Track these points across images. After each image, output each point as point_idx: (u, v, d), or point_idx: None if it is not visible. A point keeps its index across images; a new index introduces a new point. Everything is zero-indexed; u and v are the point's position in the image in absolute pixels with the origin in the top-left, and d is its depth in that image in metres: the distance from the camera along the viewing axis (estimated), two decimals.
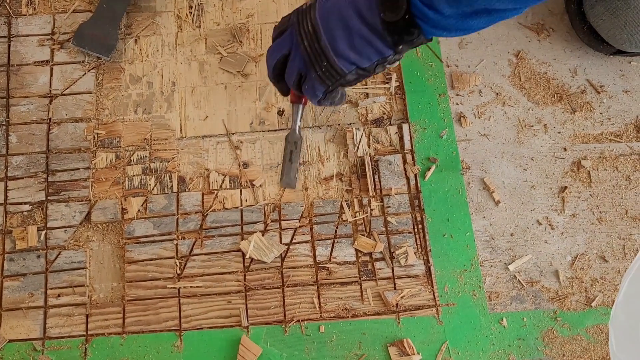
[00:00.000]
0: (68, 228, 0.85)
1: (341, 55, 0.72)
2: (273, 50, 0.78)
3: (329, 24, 0.72)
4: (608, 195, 0.89)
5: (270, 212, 0.86)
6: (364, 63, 0.73)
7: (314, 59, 0.73)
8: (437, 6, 0.64)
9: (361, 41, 0.71)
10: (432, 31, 0.68)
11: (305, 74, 0.76)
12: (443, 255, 0.85)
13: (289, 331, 0.82)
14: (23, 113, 0.90)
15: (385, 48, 0.71)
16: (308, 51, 0.73)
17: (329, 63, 0.73)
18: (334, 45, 0.72)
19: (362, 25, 0.70)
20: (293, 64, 0.76)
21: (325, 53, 0.72)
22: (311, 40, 0.73)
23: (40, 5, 0.96)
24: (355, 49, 0.72)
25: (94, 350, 0.80)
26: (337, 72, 0.74)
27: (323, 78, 0.75)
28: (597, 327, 0.83)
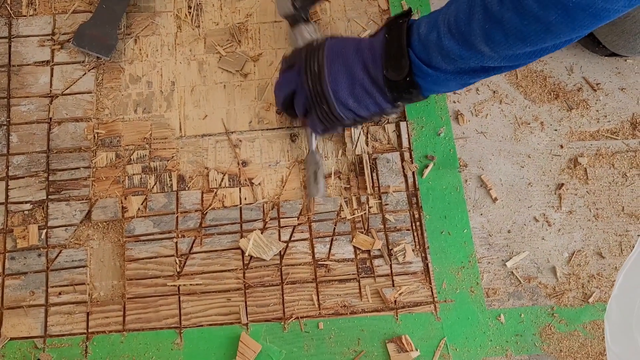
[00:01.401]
0: (69, 227, 0.86)
1: (341, 101, 0.75)
2: (281, 85, 0.81)
3: (334, 67, 0.74)
4: (604, 192, 0.90)
5: (269, 210, 0.87)
6: (362, 112, 0.76)
7: (315, 100, 0.76)
8: (436, 64, 0.68)
9: (362, 91, 0.74)
10: (431, 88, 0.72)
11: (308, 108, 0.79)
12: (441, 252, 0.86)
13: (288, 328, 0.82)
14: (24, 113, 0.91)
15: (385, 102, 0.74)
16: (311, 92, 0.76)
17: (328, 107, 0.76)
18: (335, 89, 0.74)
19: (366, 76, 0.73)
20: (299, 99, 0.79)
21: (326, 97, 0.75)
22: (314, 82, 0.75)
23: (41, 6, 0.97)
24: (355, 97, 0.74)
25: (95, 348, 0.81)
26: (335, 117, 0.77)
27: (322, 119, 0.78)
28: (594, 323, 0.84)
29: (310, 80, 0.76)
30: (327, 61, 0.75)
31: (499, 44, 0.60)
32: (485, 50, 0.62)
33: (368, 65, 0.72)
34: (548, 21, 0.55)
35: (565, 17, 0.54)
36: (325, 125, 0.80)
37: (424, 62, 0.69)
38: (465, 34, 0.62)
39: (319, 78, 0.75)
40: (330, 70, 0.74)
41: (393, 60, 0.70)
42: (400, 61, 0.70)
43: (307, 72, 0.76)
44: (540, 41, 0.59)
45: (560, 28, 0.55)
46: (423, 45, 0.68)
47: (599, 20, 0.54)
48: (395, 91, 0.72)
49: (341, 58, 0.74)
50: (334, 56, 0.75)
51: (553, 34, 0.57)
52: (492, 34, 0.60)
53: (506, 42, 0.60)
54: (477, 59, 0.64)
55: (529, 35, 0.58)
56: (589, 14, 0.53)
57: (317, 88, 0.75)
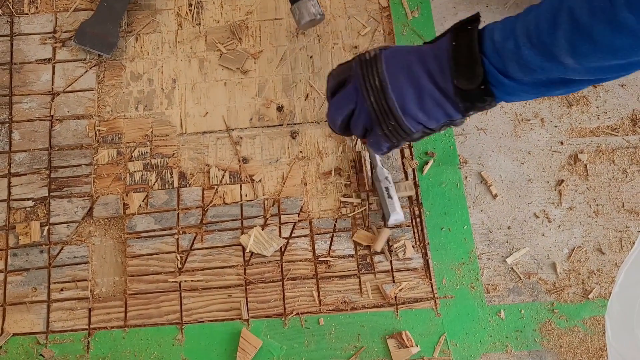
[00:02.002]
0: (70, 223, 0.86)
1: (409, 114, 0.70)
2: (338, 105, 0.75)
3: (398, 81, 0.69)
4: (605, 188, 0.90)
5: (270, 207, 0.87)
6: (432, 124, 0.71)
7: (381, 117, 0.71)
8: (512, 74, 0.64)
9: (432, 103, 0.69)
10: (506, 98, 0.68)
11: (370, 128, 0.74)
12: (441, 248, 0.86)
13: (289, 324, 0.83)
14: (26, 110, 0.92)
15: (455, 112, 0.69)
16: (375, 108, 0.71)
17: (396, 122, 0.70)
18: (402, 104, 0.69)
19: (434, 87, 0.68)
20: (359, 119, 0.74)
21: (393, 112, 0.70)
22: (378, 98, 0.70)
23: (42, 4, 0.97)
24: (424, 110, 0.69)
25: (97, 344, 0.82)
26: (404, 131, 0.71)
27: (389, 136, 0.72)
28: (594, 318, 0.84)
29: (373, 96, 0.70)
30: (388, 74, 0.70)
31: (585, 56, 0.57)
32: (569, 63, 0.58)
33: (435, 75, 0.68)
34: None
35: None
36: (391, 142, 0.74)
37: (499, 71, 0.64)
38: (548, 44, 0.58)
39: (383, 93, 0.69)
40: (394, 83, 0.69)
41: (464, 69, 0.65)
42: (473, 69, 0.65)
43: (367, 88, 0.70)
44: (630, 54, 0.55)
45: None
46: (498, 53, 0.64)
47: None
48: (467, 101, 0.67)
49: (404, 69, 0.69)
50: (395, 68, 0.70)
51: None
52: (579, 45, 0.56)
53: (594, 54, 0.56)
54: (559, 70, 0.61)
55: (620, 48, 0.54)
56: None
57: (381, 104, 0.70)
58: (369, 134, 0.75)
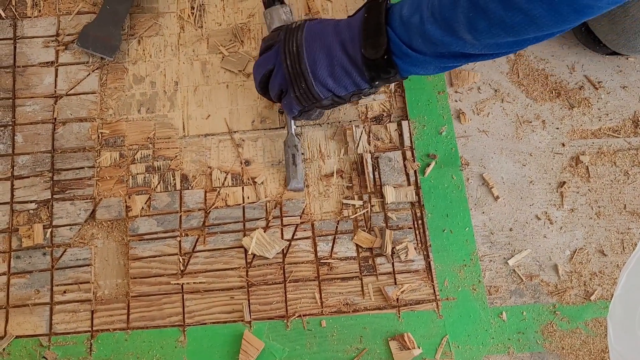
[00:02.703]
0: (73, 226, 0.87)
1: (319, 80, 0.75)
2: (259, 64, 0.81)
3: (312, 47, 0.75)
4: (606, 190, 0.90)
5: (272, 209, 0.88)
6: (340, 92, 0.76)
7: (294, 80, 0.77)
8: (416, 46, 0.68)
9: (341, 71, 0.74)
10: (410, 69, 0.72)
11: (285, 89, 0.80)
12: (443, 250, 0.86)
13: (291, 326, 0.83)
14: (29, 113, 0.92)
15: (362, 82, 0.74)
16: (289, 70, 0.76)
17: (306, 86, 0.76)
18: (314, 69, 0.75)
19: (344, 56, 0.73)
20: (275, 79, 0.80)
21: (305, 76, 0.76)
22: (293, 61, 0.76)
23: (45, 8, 0.98)
24: (334, 77, 0.75)
25: (99, 346, 0.82)
26: (313, 96, 0.77)
27: (300, 99, 0.78)
28: (596, 320, 0.84)
29: (289, 59, 0.76)
30: (305, 41, 0.76)
31: (482, 32, 0.61)
32: (468, 38, 0.63)
33: (346, 44, 0.73)
34: (533, 14, 0.56)
35: (550, 11, 0.55)
36: (302, 106, 0.80)
37: (404, 43, 0.69)
38: (449, 20, 0.63)
39: (298, 58, 0.75)
40: (309, 50, 0.75)
41: (371, 39, 0.70)
42: (378, 39, 0.70)
43: (285, 51, 0.76)
44: (523, 32, 0.59)
45: (545, 21, 0.57)
46: (404, 26, 0.68)
47: (582, 15, 0.55)
48: (373, 70, 0.72)
49: (320, 38, 0.75)
50: (313, 36, 0.76)
51: (537, 26, 0.58)
52: (476, 22, 0.60)
53: (489, 31, 0.61)
54: (459, 45, 0.65)
55: (513, 26, 0.59)
56: (573, 9, 0.54)
57: (295, 67, 0.76)
58: (283, 96, 0.81)
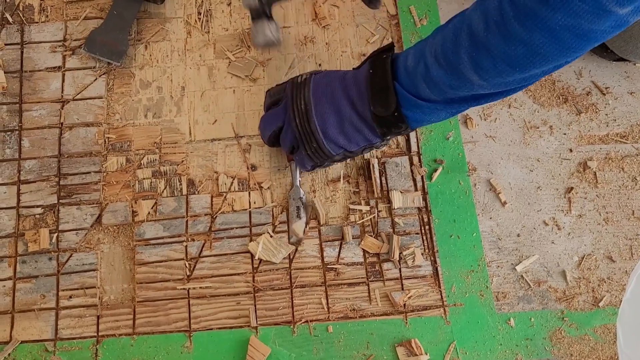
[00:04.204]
0: (79, 231, 0.87)
1: (330, 138, 0.75)
2: (268, 122, 0.81)
3: (321, 106, 0.74)
4: (614, 196, 0.89)
5: (279, 214, 0.87)
6: (352, 147, 0.76)
7: (304, 139, 0.76)
8: (425, 95, 0.67)
9: (351, 128, 0.74)
10: (421, 119, 0.71)
11: (296, 146, 0.79)
12: (450, 255, 0.86)
13: (298, 331, 0.82)
14: (35, 118, 0.92)
15: (374, 137, 0.74)
16: (299, 130, 0.76)
17: (317, 144, 0.76)
18: (324, 128, 0.74)
19: (353, 113, 0.73)
20: (286, 136, 0.79)
21: (315, 135, 0.75)
22: (302, 120, 0.75)
23: (53, 13, 0.98)
24: (345, 134, 0.75)
25: (105, 351, 0.81)
26: (324, 153, 0.77)
27: (312, 156, 0.78)
28: (605, 327, 0.83)
29: (298, 118, 0.76)
30: (313, 99, 0.75)
31: (488, 71, 0.59)
32: (475, 79, 0.61)
33: (355, 101, 0.72)
34: (534, 44, 0.54)
35: (552, 39, 0.53)
36: (314, 162, 0.80)
37: (412, 94, 0.68)
38: (453, 63, 0.61)
39: (307, 117, 0.75)
40: (318, 108, 0.75)
41: (379, 96, 0.70)
42: (387, 97, 0.69)
43: (294, 110, 0.76)
44: (529, 65, 0.57)
45: (548, 51, 0.55)
46: (410, 77, 0.68)
47: (586, 41, 0.53)
48: (384, 126, 0.72)
49: (328, 95, 0.74)
50: (320, 93, 0.75)
51: (541, 57, 0.56)
52: (480, 61, 0.59)
53: (495, 68, 0.59)
54: (467, 87, 0.63)
55: (517, 60, 0.57)
56: (576, 35, 0.52)
57: (305, 127, 0.75)
58: (295, 151, 0.80)
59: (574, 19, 0.50)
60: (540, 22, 0.52)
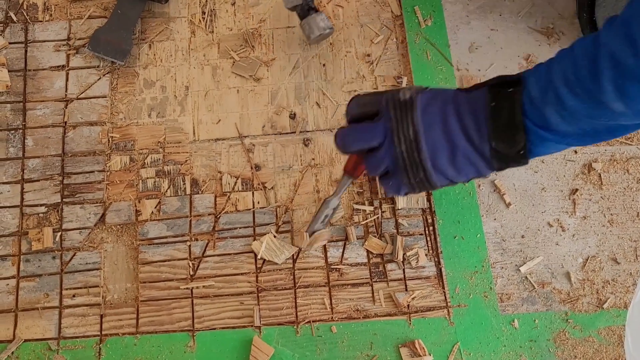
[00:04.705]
0: (83, 230, 0.86)
1: (439, 170, 0.67)
2: (359, 137, 0.70)
3: (432, 134, 0.66)
4: (619, 198, 0.89)
5: (282, 214, 0.87)
6: (460, 179, 0.69)
7: (409, 168, 0.68)
8: (555, 127, 0.61)
9: (464, 161, 0.66)
10: (544, 153, 0.65)
11: (392, 171, 0.70)
12: (454, 256, 0.86)
13: (301, 332, 0.82)
14: (39, 117, 0.92)
15: (487, 170, 0.67)
16: (404, 157, 0.67)
17: (425, 175, 0.67)
18: (434, 159, 0.66)
19: (469, 145, 0.65)
20: (382, 160, 0.69)
21: (424, 165, 0.67)
22: (410, 149, 0.66)
23: (57, 12, 0.98)
24: (455, 167, 0.67)
25: (108, 350, 0.81)
26: (430, 184, 0.69)
27: (414, 185, 0.69)
28: (609, 329, 0.83)
29: (405, 145, 0.66)
30: (423, 126, 0.66)
31: (635, 98, 0.54)
32: (618, 107, 0.55)
33: (470, 132, 0.64)
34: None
35: None
36: (414, 190, 0.71)
37: (541, 127, 0.62)
38: (593, 91, 0.55)
39: (417, 145, 0.66)
40: (429, 136, 0.66)
41: (504, 133, 0.63)
42: (514, 135, 0.62)
43: (399, 135, 0.66)
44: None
45: None
46: (537, 108, 0.61)
47: None
48: (503, 162, 0.65)
49: (439, 122, 0.66)
50: (431, 118, 0.66)
51: None
52: (627, 89, 0.53)
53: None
54: (607, 116, 0.57)
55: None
56: None
57: (413, 156, 0.66)
58: (387, 177, 0.71)
59: None
60: None
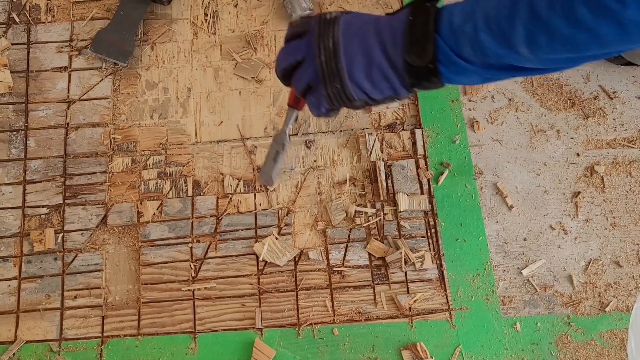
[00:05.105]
0: (85, 231, 0.86)
1: (356, 82, 0.71)
2: (288, 53, 0.76)
3: (351, 46, 0.70)
4: (621, 201, 0.89)
5: (284, 216, 0.87)
6: (376, 95, 0.72)
7: (327, 78, 0.72)
8: (465, 55, 0.64)
9: (379, 74, 0.70)
10: (453, 78, 0.68)
11: (314, 85, 0.74)
12: (456, 259, 0.85)
13: (302, 334, 0.82)
14: (41, 118, 0.92)
15: (401, 87, 0.70)
16: (323, 67, 0.71)
17: (341, 86, 0.72)
18: (351, 70, 0.70)
19: (384, 59, 0.69)
20: (305, 73, 0.74)
21: (341, 75, 0.71)
22: (329, 58, 0.71)
23: (59, 13, 0.98)
24: (371, 80, 0.71)
25: (110, 352, 0.81)
26: (346, 96, 0.72)
27: (331, 97, 0.73)
28: (611, 332, 0.83)
29: (324, 55, 0.71)
30: (343, 39, 0.71)
31: (541, 47, 0.58)
32: (524, 52, 0.60)
33: (387, 46, 0.69)
34: (599, 33, 0.53)
35: (618, 31, 0.52)
36: (332, 105, 0.74)
37: (453, 51, 0.65)
38: (506, 31, 0.60)
39: (335, 55, 0.70)
40: (347, 48, 0.70)
41: (416, 45, 0.66)
42: (425, 46, 0.66)
43: (320, 46, 0.71)
44: (584, 49, 0.57)
45: (610, 40, 0.54)
46: (454, 34, 0.65)
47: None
48: (414, 77, 0.69)
49: (359, 37, 0.71)
50: (351, 34, 0.71)
51: (601, 45, 0.55)
52: (536, 36, 0.58)
53: (549, 46, 0.58)
54: (513, 58, 0.62)
55: (576, 43, 0.56)
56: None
57: (331, 66, 0.71)
58: (310, 92, 0.75)
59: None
60: (610, 13, 0.51)
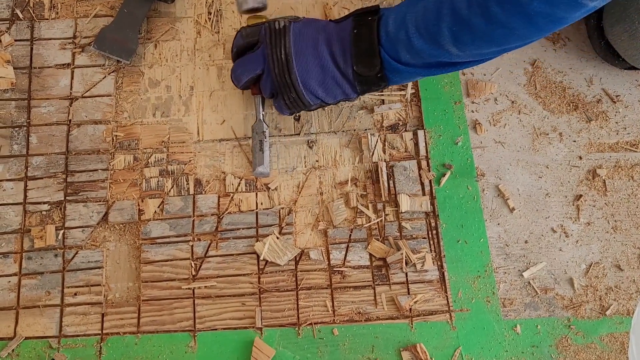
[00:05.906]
0: (85, 228, 0.86)
1: (310, 90, 0.77)
2: (246, 67, 0.80)
3: (303, 57, 0.76)
4: (623, 204, 0.89)
5: (286, 215, 0.87)
6: (329, 100, 0.78)
7: (283, 89, 0.77)
8: (405, 60, 0.71)
9: (332, 83, 0.76)
10: (398, 80, 0.75)
11: (275, 93, 0.80)
12: (457, 261, 0.85)
13: (302, 334, 0.82)
14: (44, 114, 0.92)
15: (352, 93, 0.77)
16: (278, 80, 0.77)
17: (297, 95, 0.77)
18: (305, 80, 0.76)
19: (335, 69, 0.75)
20: (266, 84, 0.80)
21: (295, 86, 0.76)
22: (282, 71, 0.76)
23: (63, 10, 0.98)
24: (325, 88, 0.77)
25: (109, 349, 0.81)
26: (302, 103, 0.79)
27: (289, 105, 0.79)
28: (612, 335, 0.83)
29: (277, 69, 0.76)
30: (294, 50, 0.75)
31: (466, 44, 0.64)
32: (453, 50, 0.66)
33: (337, 57, 0.74)
34: (512, 27, 0.60)
35: (528, 24, 0.59)
36: (292, 110, 0.81)
37: (394, 59, 0.71)
38: (434, 34, 0.65)
39: (287, 68, 0.75)
40: (299, 60, 0.75)
41: (363, 57, 0.72)
42: (371, 60, 0.72)
43: (273, 59, 0.76)
44: (505, 43, 0.63)
45: (524, 32, 0.60)
46: (391, 43, 0.70)
47: (558, 25, 0.60)
48: (364, 85, 0.75)
49: (310, 47, 0.75)
50: (302, 45, 0.76)
51: (517, 37, 0.62)
52: (460, 36, 0.63)
53: (473, 43, 0.64)
54: (445, 56, 0.67)
55: (495, 38, 0.62)
56: (549, 21, 0.58)
57: (284, 78, 0.76)
58: (275, 97, 0.81)
59: (550, 8, 0.56)
60: (518, 7, 0.57)
